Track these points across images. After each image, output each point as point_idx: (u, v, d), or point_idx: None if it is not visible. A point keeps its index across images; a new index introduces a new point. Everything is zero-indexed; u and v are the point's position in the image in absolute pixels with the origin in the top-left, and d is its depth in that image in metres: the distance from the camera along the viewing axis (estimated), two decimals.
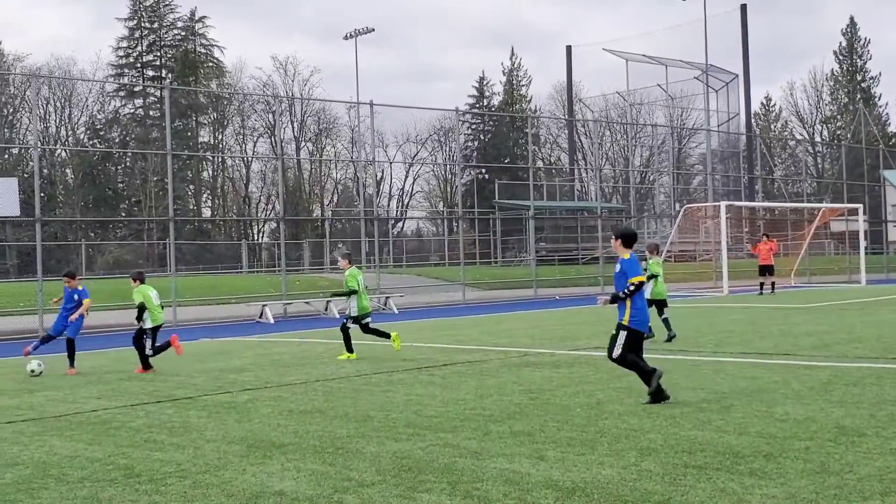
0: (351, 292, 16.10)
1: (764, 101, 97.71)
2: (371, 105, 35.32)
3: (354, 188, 73.71)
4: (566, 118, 78.32)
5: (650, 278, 18.20)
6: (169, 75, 78.31)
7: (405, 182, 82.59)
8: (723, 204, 38.28)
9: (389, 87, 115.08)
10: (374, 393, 11.78)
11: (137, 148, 70.05)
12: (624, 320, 10.26)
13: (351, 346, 15.99)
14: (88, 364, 16.77)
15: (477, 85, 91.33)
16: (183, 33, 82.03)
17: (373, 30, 68.72)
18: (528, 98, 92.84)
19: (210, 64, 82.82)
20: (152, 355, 15.26)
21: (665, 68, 68.73)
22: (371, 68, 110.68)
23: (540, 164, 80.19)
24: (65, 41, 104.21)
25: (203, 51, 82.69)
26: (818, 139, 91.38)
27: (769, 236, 36.00)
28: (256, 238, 74.42)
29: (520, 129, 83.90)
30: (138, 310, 15.40)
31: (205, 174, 78.69)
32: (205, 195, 78.51)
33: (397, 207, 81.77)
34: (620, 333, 10.29)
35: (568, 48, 77.44)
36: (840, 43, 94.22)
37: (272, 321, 27.84)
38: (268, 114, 75.70)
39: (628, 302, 10.23)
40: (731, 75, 68.76)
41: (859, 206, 43.52)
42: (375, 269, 35.35)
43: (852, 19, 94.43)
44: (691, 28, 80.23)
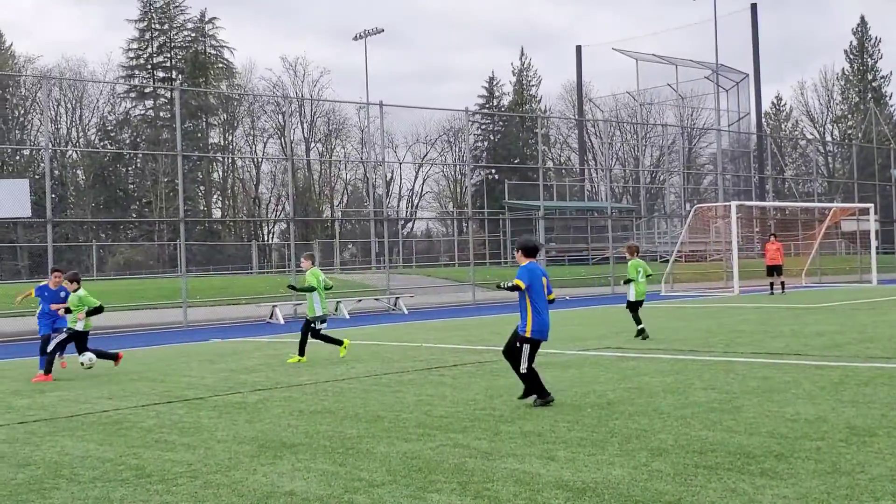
0: (310, 289, 16.03)
1: (774, 101, 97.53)
2: (381, 106, 35.34)
3: (364, 189, 73.84)
4: (576, 118, 78.25)
5: (627, 282, 18.80)
6: (179, 77, 78.50)
7: (415, 182, 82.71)
8: (733, 204, 38.17)
9: (399, 88, 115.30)
10: (385, 393, 11.78)
11: (148, 149, 70.25)
12: (526, 332, 10.37)
13: (304, 350, 15.79)
14: (99, 365, 16.79)
15: (487, 85, 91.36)
16: (193, 35, 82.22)
17: (382, 30, 68.91)
18: (538, 98, 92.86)
19: (220, 65, 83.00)
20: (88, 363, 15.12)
21: (675, 68, 68.59)
22: (381, 69, 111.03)
23: (550, 165, 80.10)
24: (75, 43, 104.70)
25: (213, 52, 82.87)
26: (829, 139, 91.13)
27: (776, 236, 35.91)
28: (266, 239, 74.55)
29: (530, 130, 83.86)
30: (91, 314, 15.15)
31: (215, 175, 78.86)
32: (215, 196, 78.69)
33: (407, 208, 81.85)
34: (524, 347, 10.37)
35: (578, 48, 77.34)
36: (851, 42, 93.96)
37: (282, 322, 27.87)
38: (278, 115, 75.91)
39: (529, 311, 10.36)
40: (742, 75, 68.58)
41: (870, 206, 43.36)
42: (385, 270, 35.35)
43: (863, 18, 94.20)
44: (701, 28, 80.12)
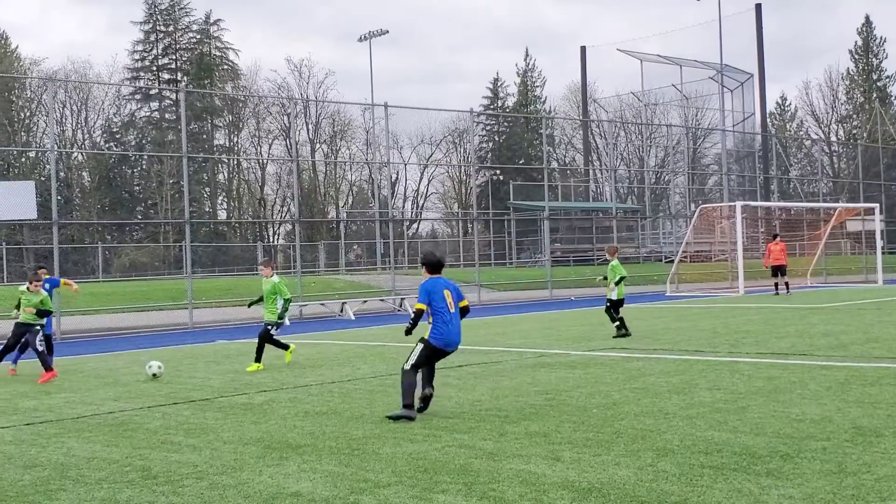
0: (288, 300, 15.74)
1: (779, 101, 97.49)
2: (385, 107, 35.37)
3: (369, 190, 73.78)
4: (581, 119, 78.17)
5: (619, 282, 19.48)
6: (184, 78, 78.53)
7: (420, 183, 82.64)
8: (738, 204, 38.16)
9: (404, 89, 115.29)
10: (390, 394, 11.78)
11: (153, 151, 70.25)
12: (426, 334, 10.38)
13: (261, 357, 15.40)
14: (105, 366, 16.86)
15: (491, 86, 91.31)
16: (198, 36, 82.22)
17: (387, 31, 68.80)
18: (543, 99, 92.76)
19: (225, 67, 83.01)
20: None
21: (680, 68, 68.53)
22: (385, 70, 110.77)
23: (555, 165, 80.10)
24: (81, 45, 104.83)
25: (218, 54, 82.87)
26: (834, 138, 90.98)
27: (779, 237, 35.88)
28: (272, 240, 74.55)
29: (534, 130, 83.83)
30: (42, 314, 15.19)
31: (220, 176, 78.87)
32: (220, 197, 78.69)
33: (412, 209, 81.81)
34: (417, 346, 10.37)
35: (582, 49, 77.28)
36: (855, 42, 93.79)
37: (288, 323, 27.85)
38: (283, 116, 75.88)
39: (432, 322, 10.41)
40: (746, 75, 68.49)
41: (876, 206, 43.31)
42: (390, 271, 35.37)
43: (868, 18, 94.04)
44: (706, 28, 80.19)
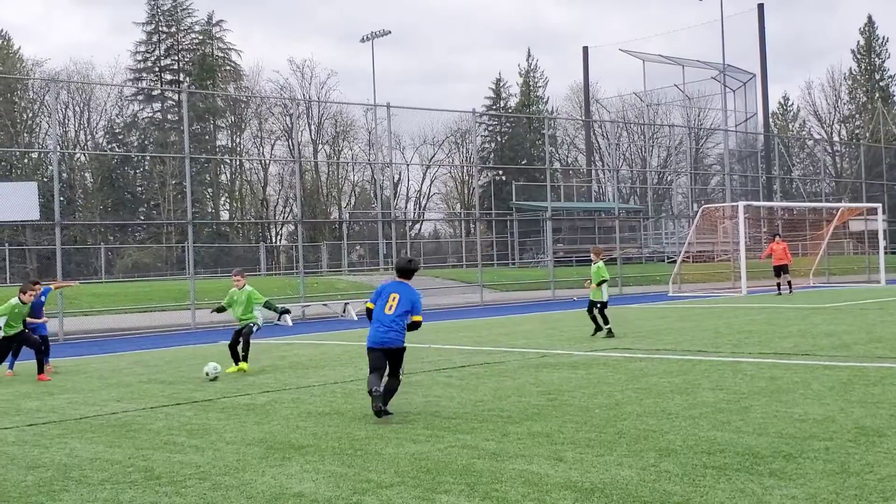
0: (268, 300, 15.90)
1: (782, 101, 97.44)
2: (388, 107, 35.41)
3: (372, 190, 73.77)
4: (583, 119, 78.15)
5: (601, 283, 19.29)
6: (186, 79, 78.59)
7: (422, 184, 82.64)
8: (741, 204, 38.12)
9: (406, 89, 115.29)
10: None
11: (156, 151, 70.29)
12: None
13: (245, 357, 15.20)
14: (108, 366, 16.87)
15: (493, 86, 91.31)
16: (200, 37, 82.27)
17: (389, 32, 68.83)
18: (545, 99, 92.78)
19: (227, 67, 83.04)
20: None
21: (682, 68, 68.50)
22: (387, 70, 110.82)
23: (557, 166, 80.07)
24: (83, 46, 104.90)
25: (220, 54, 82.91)
26: (836, 138, 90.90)
27: (780, 236, 35.85)
28: (274, 241, 74.57)
29: (537, 131, 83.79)
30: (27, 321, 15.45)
31: (223, 177, 78.88)
32: (223, 198, 78.71)
33: (414, 209, 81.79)
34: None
35: (584, 49, 77.26)
36: (858, 42, 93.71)
37: (290, 324, 27.90)
38: (285, 117, 75.87)
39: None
40: (749, 75, 68.44)
41: (878, 206, 43.26)
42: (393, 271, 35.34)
43: (870, 18, 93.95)
44: (708, 28, 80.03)
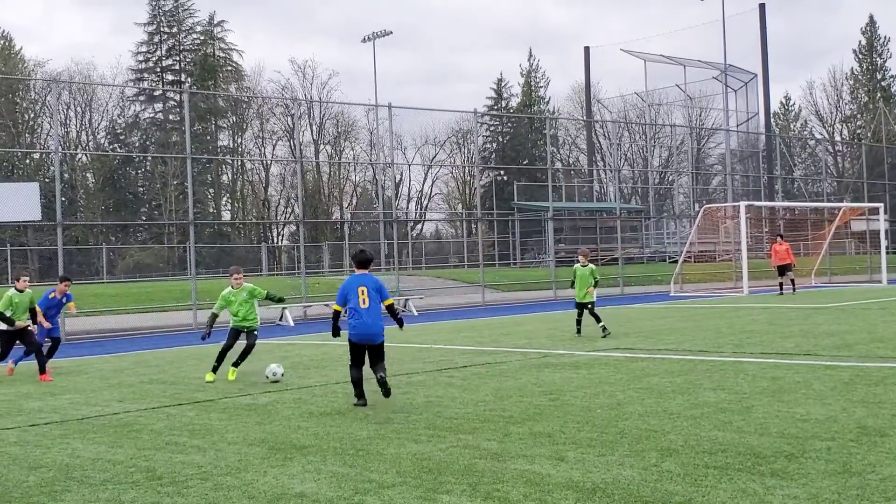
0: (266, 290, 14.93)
1: (783, 101, 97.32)
2: (389, 107, 35.36)
3: (373, 190, 73.80)
4: (584, 119, 78.13)
5: (594, 285, 19.60)
6: (188, 79, 78.63)
7: (424, 184, 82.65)
8: (742, 204, 38.11)
9: (407, 90, 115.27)
10: (394, 395, 11.78)
11: (157, 152, 70.31)
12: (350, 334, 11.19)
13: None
14: (109, 367, 16.88)
15: (495, 86, 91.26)
16: (202, 38, 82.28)
17: (391, 32, 68.88)
18: (547, 99, 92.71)
19: (229, 68, 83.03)
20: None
21: (683, 68, 68.48)
22: (389, 71, 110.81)
23: (558, 166, 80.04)
24: (84, 46, 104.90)
25: (222, 55, 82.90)
26: (838, 138, 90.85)
27: (782, 236, 35.87)
28: (276, 241, 74.59)
29: (538, 131, 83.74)
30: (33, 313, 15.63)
31: (224, 178, 78.90)
32: (224, 198, 78.72)
33: (416, 209, 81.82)
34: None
35: (586, 49, 77.22)
36: (859, 41, 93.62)
37: (292, 324, 27.91)
38: (286, 117, 75.89)
39: (345, 316, 11.27)
40: (750, 75, 68.41)
41: (880, 206, 43.24)
42: (395, 272, 35.38)
43: (872, 17, 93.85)
44: (709, 28, 79.92)
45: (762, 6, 66.82)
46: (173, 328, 27.38)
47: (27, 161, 68.10)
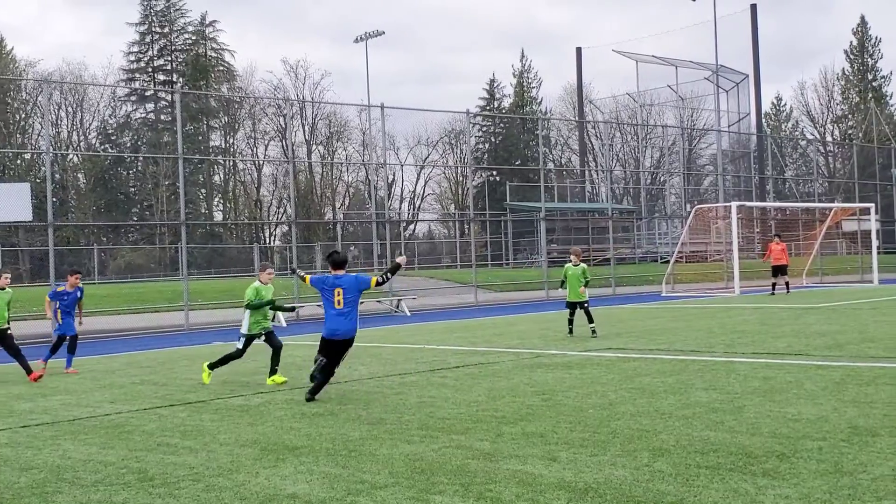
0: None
1: (775, 101, 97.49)
2: (382, 108, 35.35)
3: (366, 191, 73.82)
4: (576, 120, 78.21)
5: (584, 285, 19.71)
6: (180, 80, 78.55)
7: (416, 184, 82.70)
8: (734, 204, 38.19)
9: (400, 90, 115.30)
10: (387, 395, 11.79)
11: (149, 152, 70.22)
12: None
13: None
14: (101, 368, 16.84)
15: (487, 87, 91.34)
16: (193, 38, 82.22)
17: (383, 32, 68.85)
18: (539, 100, 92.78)
19: (221, 68, 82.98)
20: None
21: (675, 69, 68.58)
22: (382, 71, 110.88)
23: (551, 166, 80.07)
24: (76, 46, 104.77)
25: (213, 55, 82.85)
26: (829, 139, 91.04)
27: (780, 237, 35.94)
28: (268, 241, 74.51)
29: (530, 131, 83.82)
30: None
31: (216, 178, 78.84)
32: (216, 199, 78.66)
33: (409, 210, 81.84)
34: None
35: (578, 50, 77.30)
36: (851, 42, 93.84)
37: (284, 324, 27.88)
38: (279, 117, 75.86)
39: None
40: (742, 75, 68.54)
41: (871, 206, 43.36)
42: None
43: (863, 18, 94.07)
44: (701, 29, 79.81)
45: (754, 7, 66.98)
46: (165, 329, 27.32)
47: (18, 161, 67.94)
